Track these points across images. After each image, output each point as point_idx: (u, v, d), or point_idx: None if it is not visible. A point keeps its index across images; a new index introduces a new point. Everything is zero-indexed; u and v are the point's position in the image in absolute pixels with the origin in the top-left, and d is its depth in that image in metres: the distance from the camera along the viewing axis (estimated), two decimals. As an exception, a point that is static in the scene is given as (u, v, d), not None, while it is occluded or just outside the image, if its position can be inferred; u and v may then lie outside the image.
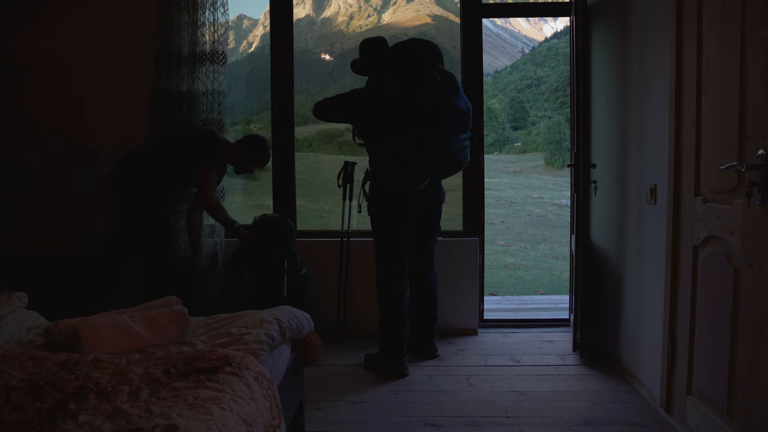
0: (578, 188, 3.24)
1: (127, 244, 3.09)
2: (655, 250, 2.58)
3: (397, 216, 3.02)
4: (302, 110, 6.20)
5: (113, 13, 3.49)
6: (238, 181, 5.20)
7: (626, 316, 2.98)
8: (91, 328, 1.86)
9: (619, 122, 3.06)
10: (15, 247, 3.49)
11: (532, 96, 22.69)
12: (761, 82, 1.78)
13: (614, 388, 2.80)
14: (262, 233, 3.31)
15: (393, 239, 3.04)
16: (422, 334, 3.25)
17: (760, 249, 1.78)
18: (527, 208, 13.23)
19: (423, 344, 3.24)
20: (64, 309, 2.37)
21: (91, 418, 1.33)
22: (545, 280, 7.20)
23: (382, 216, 3.04)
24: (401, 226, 3.03)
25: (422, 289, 3.22)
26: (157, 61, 3.34)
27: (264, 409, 1.60)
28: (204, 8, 3.36)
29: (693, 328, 2.25)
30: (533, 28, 27.98)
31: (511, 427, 2.41)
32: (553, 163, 18.10)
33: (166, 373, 1.58)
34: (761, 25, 1.78)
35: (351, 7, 20.34)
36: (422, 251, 3.20)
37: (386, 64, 2.97)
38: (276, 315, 2.14)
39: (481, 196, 3.80)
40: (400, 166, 2.87)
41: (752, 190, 1.78)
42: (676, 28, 2.34)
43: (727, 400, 1.96)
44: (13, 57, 3.56)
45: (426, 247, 3.21)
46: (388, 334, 3.01)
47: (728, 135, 1.97)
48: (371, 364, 3.06)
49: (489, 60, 23.44)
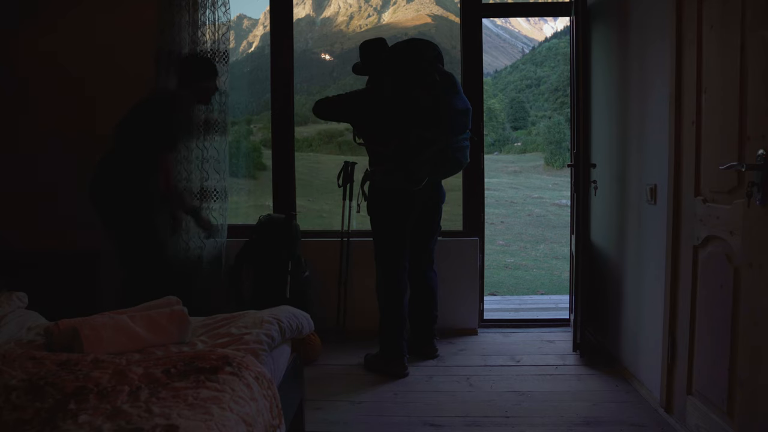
0: (578, 188, 3.24)
1: (144, 248, 2.96)
2: (655, 250, 2.58)
3: (396, 216, 3.02)
4: (302, 110, 6.21)
5: (113, 13, 3.49)
6: (239, 181, 5.21)
7: (626, 316, 2.98)
8: (91, 328, 1.86)
9: (619, 122, 3.06)
10: (15, 247, 3.49)
11: (532, 96, 22.68)
12: (761, 82, 1.78)
13: (614, 388, 2.80)
14: (267, 234, 3.30)
15: (393, 239, 3.04)
16: (422, 334, 3.24)
17: (760, 249, 1.78)
18: (527, 208, 13.22)
19: (423, 344, 3.24)
20: (64, 309, 2.37)
21: (91, 418, 1.33)
22: (545, 280, 7.20)
23: (382, 216, 3.04)
24: (401, 226, 3.03)
25: (422, 289, 3.22)
26: (157, 61, 3.33)
27: (264, 409, 1.60)
28: (204, 8, 3.35)
29: (693, 328, 2.25)
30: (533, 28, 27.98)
31: (511, 427, 2.41)
32: (553, 163, 18.09)
33: (166, 373, 1.58)
34: (761, 25, 1.78)
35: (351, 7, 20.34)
36: (422, 251, 3.20)
37: (385, 65, 2.97)
38: (276, 315, 2.14)
39: (481, 196, 3.80)
40: (401, 165, 2.87)
41: (752, 190, 1.78)
42: (676, 28, 2.34)
43: (727, 400, 1.96)
44: (13, 57, 3.56)
45: (426, 247, 3.21)
46: (387, 334, 3.01)
47: (728, 135, 1.97)
48: (371, 364, 3.06)
49: (489, 60, 23.43)
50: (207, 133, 3.34)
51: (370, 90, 3.00)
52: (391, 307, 3.02)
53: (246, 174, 5.68)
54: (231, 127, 3.50)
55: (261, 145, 7.16)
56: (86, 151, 3.49)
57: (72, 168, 3.53)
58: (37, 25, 3.55)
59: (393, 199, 2.99)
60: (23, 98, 3.56)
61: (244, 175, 5.49)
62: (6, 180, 3.55)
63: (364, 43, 3.13)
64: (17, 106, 3.56)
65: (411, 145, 2.83)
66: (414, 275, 3.19)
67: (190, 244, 3.33)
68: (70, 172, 3.53)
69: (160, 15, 3.35)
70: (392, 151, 2.88)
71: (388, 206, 3.00)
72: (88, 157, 3.47)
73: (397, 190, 2.95)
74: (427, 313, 3.24)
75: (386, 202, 3.00)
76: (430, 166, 2.87)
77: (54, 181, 3.55)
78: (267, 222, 3.35)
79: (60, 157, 3.52)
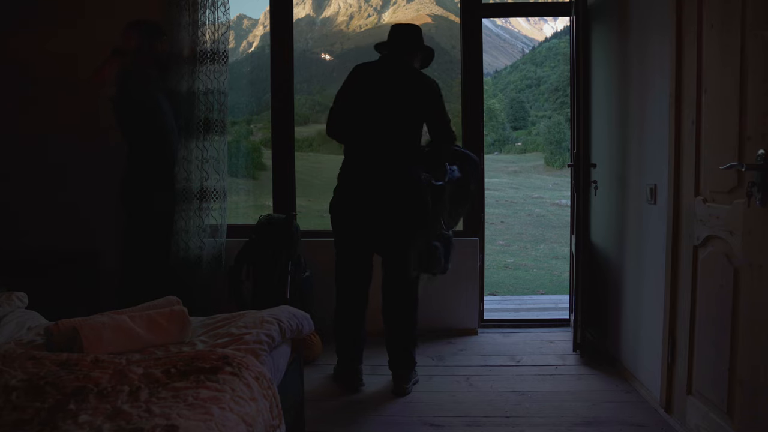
0: (578, 188, 3.24)
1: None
2: (655, 250, 2.58)
3: (340, 217, 2.79)
4: (302, 110, 6.20)
5: (113, 12, 3.49)
6: (239, 181, 5.20)
7: (626, 316, 2.98)
8: (91, 328, 1.86)
9: (619, 122, 3.06)
10: (15, 247, 3.49)
11: (532, 96, 22.66)
12: (761, 82, 1.78)
13: (614, 388, 2.80)
14: (267, 234, 3.30)
15: (339, 246, 2.85)
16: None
17: (760, 249, 1.78)
18: (527, 208, 13.22)
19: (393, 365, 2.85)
20: (64, 309, 2.37)
21: (91, 418, 1.33)
22: (545, 280, 7.21)
23: (332, 219, 2.85)
24: (347, 229, 2.78)
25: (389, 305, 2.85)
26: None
27: (264, 409, 1.60)
28: (204, 8, 3.35)
29: (693, 328, 2.25)
30: (533, 28, 27.95)
31: (511, 427, 2.41)
32: (553, 163, 18.08)
33: (166, 373, 1.58)
34: (761, 25, 1.78)
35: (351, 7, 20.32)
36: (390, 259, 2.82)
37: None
38: (276, 315, 2.14)
39: (481, 196, 3.80)
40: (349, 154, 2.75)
41: (752, 190, 1.78)
42: (676, 28, 2.34)
43: (727, 400, 1.96)
44: (13, 57, 3.56)
45: (393, 254, 2.79)
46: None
47: (728, 135, 1.97)
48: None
49: (489, 60, 23.40)
50: (207, 133, 3.34)
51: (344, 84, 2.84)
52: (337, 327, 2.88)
53: (246, 174, 5.67)
54: (231, 127, 3.49)
55: (261, 145, 7.15)
56: (86, 151, 3.50)
57: (73, 167, 3.53)
58: (37, 24, 3.55)
59: (336, 198, 2.85)
60: (25, 97, 3.56)
61: (244, 175, 5.48)
62: (6, 179, 3.55)
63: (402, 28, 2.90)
64: (17, 106, 3.56)
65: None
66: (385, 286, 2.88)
67: (190, 244, 3.33)
68: (70, 171, 3.54)
69: (160, 15, 3.35)
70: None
71: (333, 206, 2.87)
72: (89, 157, 3.48)
73: (341, 186, 2.83)
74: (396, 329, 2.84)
75: (333, 202, 2.87)
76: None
77: (54, 181, 3.55)
78: (267, 222, 3.34)
79: (60, 157, 3.52)
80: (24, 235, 3.54)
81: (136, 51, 2.99)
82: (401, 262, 2.75)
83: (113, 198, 3.15)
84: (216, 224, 3.41)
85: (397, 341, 2.82)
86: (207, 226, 3.36)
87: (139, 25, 3.06)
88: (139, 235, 3.04)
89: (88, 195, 3.50)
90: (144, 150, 3.04)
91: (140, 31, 3.04)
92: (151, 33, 3.08)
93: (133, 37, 3.00)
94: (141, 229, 3.04)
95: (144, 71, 3.04)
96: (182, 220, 3.32)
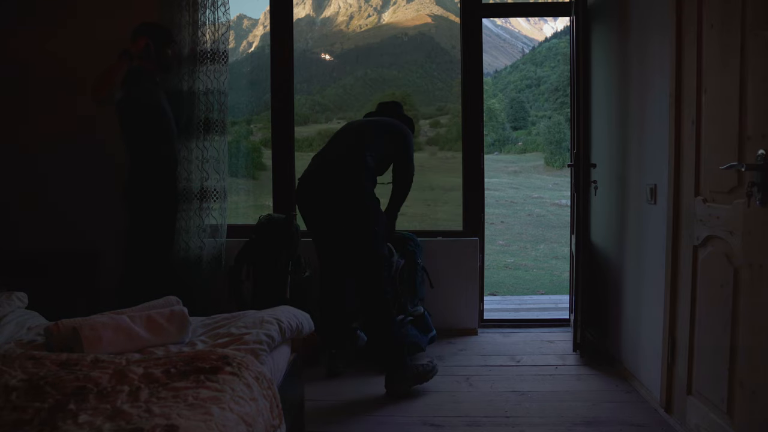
0: (578, 188, 3.24)
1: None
2: (655, 250, 2.58)
3: (305, 216, 2.98)
4: (302, 110, 6.20)
5: (113, 12, 3.49)
6: (238, 181, 5.20)
7: (626, 316, 2.98)
8: (91, 328, 1.86)
9: (619, 122, 3.06)
10: (15, 247, 3.49)
11: (532, 96, 22.65)
12: (761, 82, 1.78)
13: (614, 388, 2.80)
14: (267, 234, 3.30)
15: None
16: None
17: (760, 249, 1.78)
18: (527, 208, 13.21)
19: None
20: (64, 309, 2.37)
21: (91, 418, 1.33)
22: (545, 280, 7.21)
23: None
24: (311, 228, 2.97)
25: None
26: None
27: (264, 409, 1.60)
28: (204, 8, 3.35)
29: (693, 328, 2.25)
30: (533, 28, 27.94)
31: (511, 427, 2.41)
32: (553, 163, 18.07)
33: (166, 373, 1.57)
34: (761, 25, 1.78)
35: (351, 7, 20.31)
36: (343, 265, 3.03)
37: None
38: (276, 315, 2.14)
39: (481, 196, 3.80)
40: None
41: (752, 190, 1.78)
42: (676, 28, 2.34)
43: (727, 400, 1.96)
44: (13, 57, 3.56)
45: (341, 259, 3.02)
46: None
47: (728, 135, 1.97)
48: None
49: (489, 60, 23.39)
50: (207, 133, 3.34)
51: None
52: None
53: (246, 174, 5.67)
54: (231, 127, 3.49)
55: (261, 145, 7.15)
56: (87, 150, 3.50)
57: (73, 168, 3.53)
58: (37, 24, 3.55)
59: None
60: (24, 98, 3.56)
61: (244, 175, 5.48)
62: (6, 180, 3.55)
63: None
64: (17, 106, 3.56)
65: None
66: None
67: (190, 244, 3.33)
68: (70, 171, 3.54)
69: (160, 15, 3.35)
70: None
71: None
72: (89, 157, 3.48)
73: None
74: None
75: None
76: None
77: (54, 180, 3.55)
78: (267, 222, 3.34)
79: (59, 157, 3.53)
80: (24, 235, 3.54)
81: (144, 54, 2.97)
82: (356, 273, 2.87)
83: (113, 198, 3.16)
84: (216, 224, 3.41)
85: (375, 346, 2.89)
86: (207, 226, 3.36)
87: (150, 30, 3.05)
88: (143, 235, 3.03)
89: (88, 195, 3.50)
90: (148, 152, 3.03)
91: (151, 35, 3.04)
92: (162, 38, 3.08)
93: (144, 40, 2.98)
94: (145, 229, 3.04)
95: (149, 74, 3.04)
96: (182, 220, 3.32)
